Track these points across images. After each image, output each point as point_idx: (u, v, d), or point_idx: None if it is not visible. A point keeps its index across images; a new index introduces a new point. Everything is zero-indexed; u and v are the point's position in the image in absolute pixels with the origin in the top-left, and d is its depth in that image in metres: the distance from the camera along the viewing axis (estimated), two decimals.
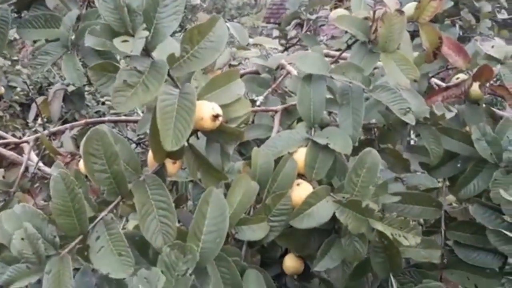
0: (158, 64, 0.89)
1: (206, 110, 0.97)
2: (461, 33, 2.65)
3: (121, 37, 0.83)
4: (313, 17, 2.55)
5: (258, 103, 1.59)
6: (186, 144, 0.99)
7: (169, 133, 0.88)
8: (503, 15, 2.95)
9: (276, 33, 2.83)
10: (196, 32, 0.94)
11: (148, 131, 0.98)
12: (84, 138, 0.91)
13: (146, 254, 1.00)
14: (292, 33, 2.80)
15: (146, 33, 0.84)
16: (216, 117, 0.97)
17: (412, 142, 2.25)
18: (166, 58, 0.91)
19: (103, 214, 0.93)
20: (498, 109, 1.58)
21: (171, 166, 1.04)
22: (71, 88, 2.09)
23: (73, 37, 1.54)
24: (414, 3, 1.37)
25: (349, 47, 1.40)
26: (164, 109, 0.89)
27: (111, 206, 0.94)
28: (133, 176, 0.97)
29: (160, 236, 0.92)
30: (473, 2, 2.75)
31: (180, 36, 1.57)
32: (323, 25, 2.68)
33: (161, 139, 0.88)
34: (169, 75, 0.92)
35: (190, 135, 0.98)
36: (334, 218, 1.13)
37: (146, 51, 0.88)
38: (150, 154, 1.01)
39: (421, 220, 1.58)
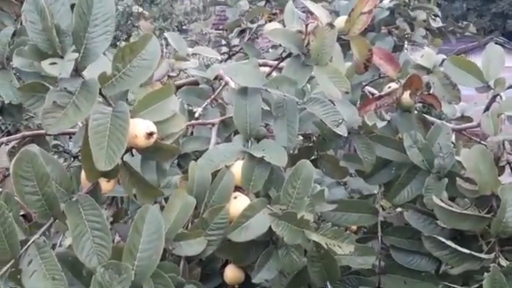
0: (89, 84, 0.88)
1: (140, 128, 0.97)
2: (397, 42, 2.73)
3: (49, 59, 0.82)
4: (254, 26, 2.58)
5: (197, 114, 1.60)
6: (120, 162, 0.99)
7: (102, 153, 0.88)
8: (437, 23, 3.05)
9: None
10: (128, 50, 0.94)
11: None
12: (14, 160, 0.89)
13: (80, 275, 0.99)
14: (235, 40, 2.82)
15: (76, 55, 0.84)
16: (150, 134, 0.97)
17: None
18: (97, 77, 0.91)
19: (35, 237, 0.91)
20: (429, 114, 1.64)
21: (105, 184, 1.03)
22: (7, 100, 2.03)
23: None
24: (345, 17, 1.41)
25: (283, 59, 1.42)
26: (96, 129, 0.89)
27: (43, 229, 0.92)
28: (65, 197, 0.96)
29: (94, 257, 0.91)
30: (408, 11, 2.84)
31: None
32: (262, 34, 2.71)
33: (94, 159, 0.87)
34: (101, 94, 0.92)
35: (125, 153, 0.98)
36: (271, 230, 1.15)
37: (77, 71, 0.87)
38: (83, 173, 1.00)
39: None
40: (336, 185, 1.87)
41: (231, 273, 1.29)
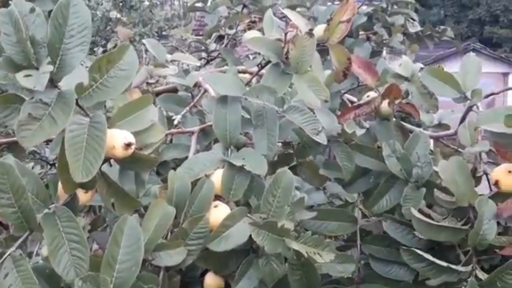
0: (65, 95, 0.87)
1: (118, 139, 0.96)
2: (375, 47, 2.75)
3: (23, 71, 0.81)
4: (232, 32, 2.58)
5: (176, 122, 1.59)
6: (98, 172, 0.98)
7: (79, 165, 0.87)
8: (415, 28, 3.07)
9: None
10: (105, 61, 0.93)
11: None
12: None
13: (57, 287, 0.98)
14: (212, 46, 2.82)
15: (50, 67, 0.82)
16: (128, 145, 0.96)
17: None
18: (74, 88, 0.90)
19: (11, 250, 0.90)
20: (409, 122, 1.65)
21: (83, 196, 1.02)
22: None
23: None
24: (324, 25, 1.41)
25: (262, 68, 1.42)
26: (73, 140, 0.88)
27: (19, 241, 0.91)
28: (42, 208, 0.95)
29: (72, 270, 0.90)
30: (385, 17, 2.86)
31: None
32: (240, 40, 2.72)
33: (70, 170, 0.86)
34: (78, 104, 0.91)
35: (103, 163, 0.96)
36: (252, 238, 1.15)
37: (52, 83, 0.86)
38: (60, 184, 0.98)
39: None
40: (315, 190, 1.88)
41: (211, 281, 1.29)
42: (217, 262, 1.24)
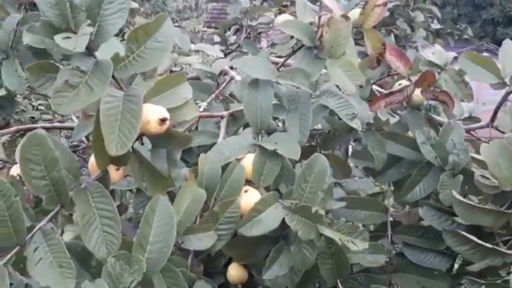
0: (103, 64, 0.84)
1: (153, 114, 0.93)
2: (396, 42, 2.72)
3: (62, 34, 0.78)
4: (254, 23, 2.54)
5: (201, 109, 1.56)
6: (130, 149, 0.94)
7: (114, 138, 0.83)
8: (436, 25, 3.05)
9: (217, 38, 2.79)
10: (142, 31, 0.90)
11: (84, 138, 0.93)
12: (21, 143, 0.85)
13: (89, 266, 0.94)
14: (232, 38, 2.78)
15: (90, 29, 0.79)
16: (163, 121, 0.93)
17: (350, 147, 2.28)
18: (110, 58, 0.86)
19: (41, 223, 0.86)
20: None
21: (114, 173, 0.98)
22: (1, 92, 1.98)
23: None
24: (358, 10, 1.38)
25: (294, 52, 1.39)
26: (108, 112, 0.84)
27: (50, 215, 0.87)
28: (74, 184, 0.91)
29: (103, 246, 0.87)
30: (408, 12, 2.82)
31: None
32: (262, 32, 2.67)
33: (105, 143, 0.83)
34: (113, 76, 0.88)
35: (135, 140, 0.93)
36: (282, 225, 1.11)
37: (89, 50, 0.83)
38: (92, 160, 0.95)
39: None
40: (335, 186, 1.84)
41: (235, 271, 1.25)
42: (244, 250, 1.20)
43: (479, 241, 1.12)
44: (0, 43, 1.48)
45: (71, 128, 1.90)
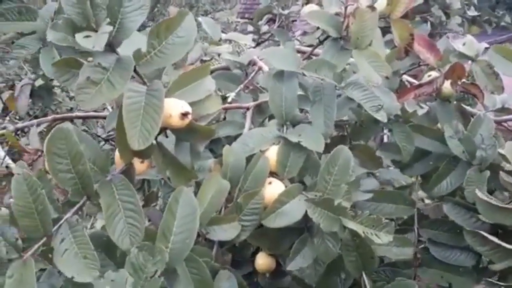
0: (124, 60, 0.86)
1: (175, 108, 0.94)
2: (431, 30, 2.66)
3: (83, 32, 0.80)
4: (285, 12, 2.53)
5: (229, 99, 1.57)
6: (154, 142, 0.96)
7: (136, 132, 0.85)
8: (472, 12, 2.97)
9: (250, 28, 2.80)
10: (164, 27, 0.91)
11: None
12: (48, 137, 0.88)
13: (114, 256, 0.97)
14: (264, 28, 2.77)
15: (110, 28, 0.81)
16: (185, 115, 0.94)
17: (385, 137, 2.26)
18: (132, 54, 0.88)
19: (67, 215, 0.89)
20: (469, 105, 1.58)
21: (139, 165, 1.01)
22: (38, 83, 2.04)
23: None
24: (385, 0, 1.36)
25: (321, 43, 1.38)
26: (130, 107, 0.86)
27: (75, 208, 0.90)
28: (99, 176, 0.94)
29: (127, 238, 0.89)
30: None
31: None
32: (295, 20, 2.66)
33: (128, 138, 0.85)
34: (135, 71, 0.89)
35: (159, 134, 0.95)
36: (306, 217, 1.11)
37: (111, 47, 0.85)
38: (117, 153, 0.98)
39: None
40: (367, 176, 1.82)
41: (263, 260, 1.27)
42: (270, 241, 1.21)
43: (499, 242, 1.10)
44: (38, 31, 1.51)
45: (106, 118, 1.95)
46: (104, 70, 0.84)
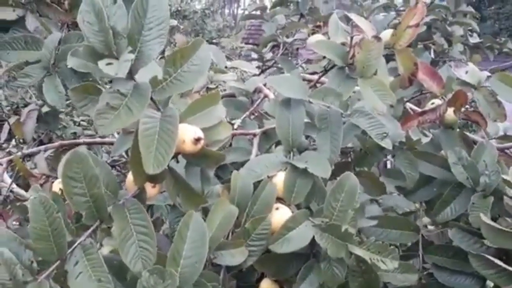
0: (142, 87, 0.88)
1: (188, 134, 0.97)
2: (433, 57, 2.70)
3: (105, 60, 0.83)
4: (290, 40, 2.58)
5: (235, 126, 1.59)
6: (166, 167, 0.98)
7: (151, 156, 0.87)
8: (474, 39, 3.01)
9: (254, 54, 2.84)
10: (179, 55, 0.94)
11: (124, 153, 0.97)
12: (63, 161, 0.90)
13: (124, 279, 0.98)
14: (268, 55, 2.81)
15: (132, 56, 0.84)
16: (198, 140, 0.97)
17: (388, 163, 2.28)
18: (148, 80, 0.91)
19: (81, 238, 0.91)
20: (471, 131, 1.61)
21: (150, 190, 1.02)
22: (45, 109, 2.06)
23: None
24: (390, 30, 1.39)
25: (326, 71, 1.41)
26: (146, 132, 0.88)
27: (89, 231, 0.92)
28: (112, 200, 0.96)
29: (139, 261, 0.91)
30: (445, 27, 2.80)
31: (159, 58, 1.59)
32: (298, 48, 2.70)
33: (143, 162, 0.87)
34: (151, 98, 0.92)
35: (171, 159, 0.97)
36: (312, 243, 1.13)
37: (130, 74, 0.87)
38: (129, 177, 0.99)
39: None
40: (370, 203, 1.84)
41: (267, 286, 1.27)
42: (276, 266, 1.22)
43: (505, 266, 1.12)
44: (42, 60, 1.55)
45: (112, 143, 1.97)
46: (123, 96, 0.86)
